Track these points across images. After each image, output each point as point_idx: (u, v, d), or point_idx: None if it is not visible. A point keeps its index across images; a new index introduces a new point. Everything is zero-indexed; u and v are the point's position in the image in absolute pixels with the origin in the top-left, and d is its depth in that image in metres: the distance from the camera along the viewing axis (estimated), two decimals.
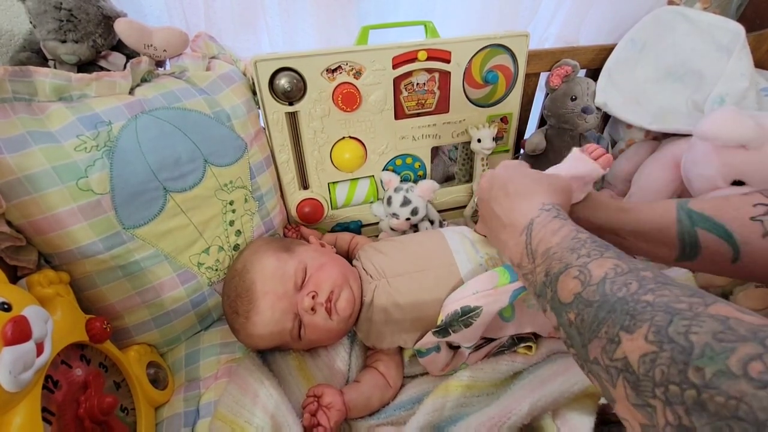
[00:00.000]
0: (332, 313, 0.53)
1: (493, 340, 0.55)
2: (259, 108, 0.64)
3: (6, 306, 0.34)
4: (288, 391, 0.53)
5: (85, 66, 0.59)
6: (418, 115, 0.71)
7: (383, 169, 0.75)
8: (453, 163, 0.84)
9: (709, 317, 0.23)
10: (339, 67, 0.63)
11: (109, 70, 0.56)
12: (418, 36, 0.68)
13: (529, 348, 0.54)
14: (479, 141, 0.73)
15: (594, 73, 0.81)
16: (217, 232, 0.59)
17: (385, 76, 0.65)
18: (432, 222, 0.76)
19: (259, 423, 0.47)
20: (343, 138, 0.69)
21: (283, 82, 0.61)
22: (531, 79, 0.78)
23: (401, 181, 0.75)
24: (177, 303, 0.57)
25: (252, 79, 0.62)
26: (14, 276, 0.45)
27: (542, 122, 0.86)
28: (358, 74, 0.64)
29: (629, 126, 0.82)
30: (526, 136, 0.87)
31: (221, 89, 0.59)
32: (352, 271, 0.59)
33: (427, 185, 0.72)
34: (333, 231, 0.77)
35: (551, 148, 0.80)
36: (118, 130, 0.50)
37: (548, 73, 0.78)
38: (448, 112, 0.72)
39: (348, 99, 0.65)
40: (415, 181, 0.76)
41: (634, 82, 0.80)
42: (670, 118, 0.76)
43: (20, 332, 0.33)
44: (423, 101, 0.70)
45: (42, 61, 0.58)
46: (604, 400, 0.46)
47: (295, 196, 0.72)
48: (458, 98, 0.71)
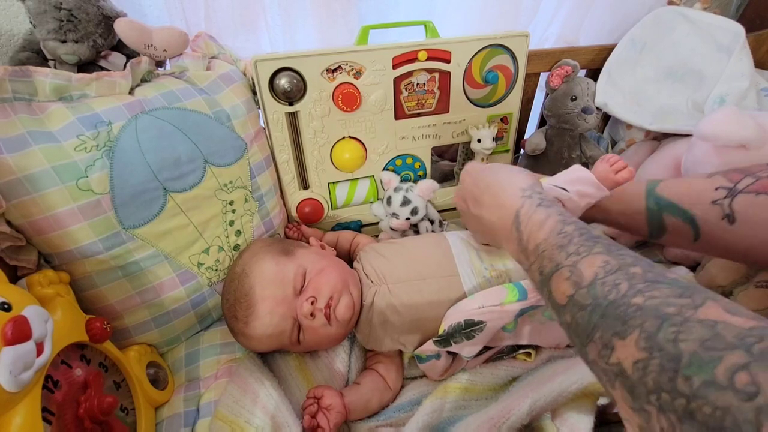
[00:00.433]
0: (331, 319, 0.52)
1: (492, 347, 0.54)
2: (259, 108, 0.64)
3: (6, 306, 0.34)
4: (288, 392, 0.53)
5: (85, 66, 0.59)
6: (418, 115, 0.71)
7: (383, 169, 0.75)
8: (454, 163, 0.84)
9: (698, 323, 0.23)
10: (339, 67, 0.63)
11: (109, 70, 0.56)
12: (418, 36, 0.68)
13: (528, 354, 0.54)
14: (479, 141, 0.73)
15: (594, 73, 0.81)
16: (217, 233, 0.59)
17: (385, 76, 0.65)
18: (432, 222, 0.76)
19: (259, 423, 0.47)
20: (343, 138, 0.69)
21: (283, 82, 0.61)
22: (531, 79, 0.78)
23: (401, 180, 0.75)
24: (177, 303, 0.57)
25: (252, 79, 0.62)
26: (14, 276, 0.45)
27: (542, 122, 0.86)
28: (358, 74, 0.64)
29: (629, 126, 0.82)
30: (526, 136, 0.87)
31: (221, 89, 0.59)
32: (352, 275, 0.59)
33: (427, 185, 0.72)
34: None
35: (551, 149, 0.80)
36: (118, 130, 0.50)
37: (548, 73, 0.78)
38: (448, 112, 0.72)
39: (348, 99, 0.65)
40: (415, 181, 0.76)
41: (634, 82, 0.80)
42: (670, 118, 0.76)
43: (20, 332, 0.33)
44: (423, 101, 0.70)
45: (42, 61, 0.58)
46: (602, 400, 0.47)
47: (295, 196, 0.72)
48: (458, 98, 0.71)
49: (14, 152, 0.44)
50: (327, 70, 0.63)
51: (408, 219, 0.72)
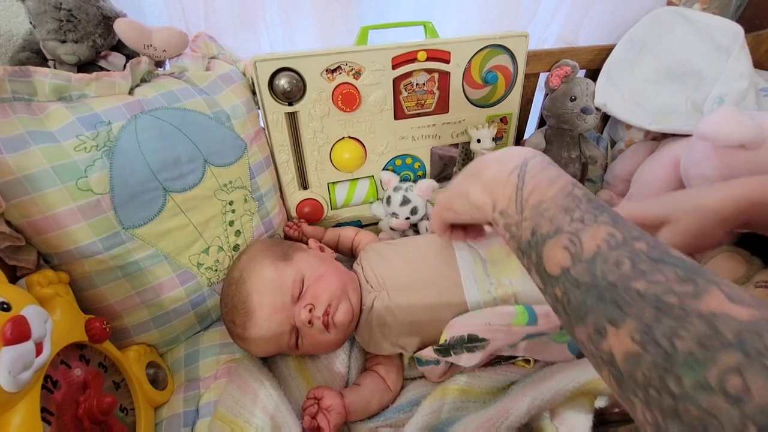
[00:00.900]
0: (329, 326, 0.52)
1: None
2: (258, 108, 0.64)
3: (5, 306, 0.34)
4: (288, 392, 0.53)
5: (85, 66, 0.59)
6: (418, 115, 0.71)
7: (383, 169, 0.75)
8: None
9: (698, 318, 0.22)
10: (339, 67, 0.63)
11: (108, 71, 0.56)
12: (417, 36, 0.68)
13: (527, 361, 0.54)
14: (479, 141, 0.73)
15: (593, 74, 0.81)
16: (216, 233, 0.59)
17: (384, 77, 0.65)
18: None
19: (259, 423, 0.47)
20: (343, 138, 0.69)
21: (282, 82, 0.61)
22: (530, 80, 0.78)
23: (401, 180, 0.75)
24: (176, 303, 0.57)
25: (251, 79, 0.62)
26: (14, 276, 0.45)
27: (542, 122, 0.86)
28: (357, 74, 0.64)
29: (629, 126, 0.82)
30: (526, 136, 0.87)
31: (221, 89, 0.59)
32: (351, 280, 0.58)
33: (427, 184, 0.72)
34: None
35: (550, 149, 0.80)
36: (117, 130, 0.50)
37: (548, 73, 0.78)
38: (447, 112, 0.72)
39: (348, 99, 0.65)
40: (415, 181, 0.76)
41: (634, 83, 0.80)
42: (669, 119, 0.76)
43: (19, 332, 0.33)
44: (422, 101, 0.70)
45: (42, 61, 0.58)
46: (600, 402, 0.46)
47: (295, 196, 0.72)
48: (458, 98, 0.71)
49: (14, 152, 0.44)
50: (326, 71, 0.63)
51: (408, 218, 0.72)
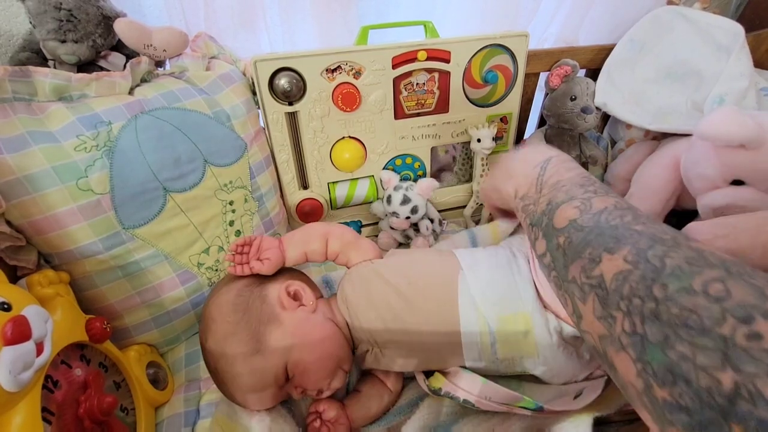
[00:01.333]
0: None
1: None
2: (258, 108, 0.64)
3: (6, 306, 0.34)
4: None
5: (85, 66, 0.59)
6: (418, 115, 0.71)
7: (383, 169, 0.75)
8: (454, 162, 0.84)
9: (688, 247, 0.25)
10: (339, 67, 0.63)
11: (108, 71, 0.56)
12: (417, 36, 0.68)
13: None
14: (479, 141, 0.73)
15: (593, 73, 0.81)
16: (217, 233, 0.59)
17: (384, 76, 0.65)
18: (432, 220, 0.76)
19: (257, 429, 0.47)
20: (343, 138, 0.69)
21: (282, 82, 0.61)
22: (531, 79, 0.78)
23: (401, 180, 0.75)
24: (177, 303, 0.57)
25: (252, 79, 0.62)
26: (14, 276, 0.45)
27: (542, 122, 0.86)
28: (357, 74, 0.64)
29: (629, 126, 0.82)
30: (526, 135, 0.87)
31: (221, 89, 0.59)
32: (340, 348, 0.50)
33: (427, 183, 0.72)
34: None
35: None
36: (117, 130, 0.50)
37: (548, 73, 0.78)
38: (447, 112, 0.72)
39: (348, 99, 0.65)
40: (415, 181, 0.76)
41: (634, 82, 0.80)
42: (669, 118, 0.76)
43: (20, 332, 0.33)
44: (423, 101, 0.70)
45: (42, 61, 0.58)
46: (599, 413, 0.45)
47: (295, 196, 0.72)
48: (458, 98, 0.71)
49: (14, 152, 0.44)
50: (327, 70, 0.63)
51: (408, 218, 0.72)
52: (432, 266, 0.54)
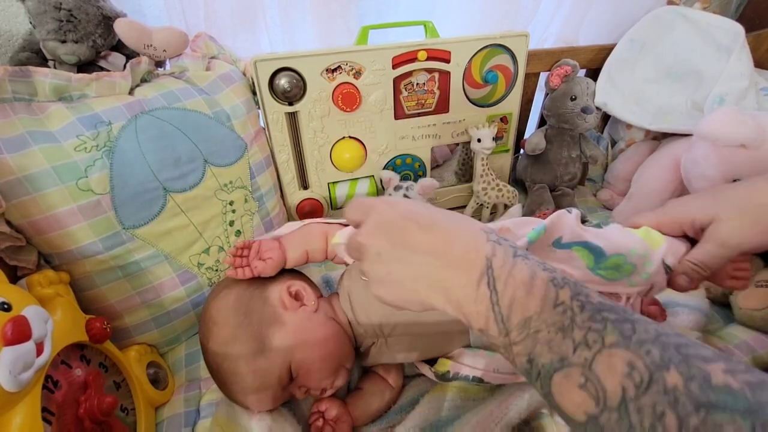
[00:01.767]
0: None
1: None
2: (258, 108, 0.64)
3: (6, 306, 0.34)
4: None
5: (85, 66, 0.59)
6: (418, 115, 0.71)
7: (383, 169, 0.75)
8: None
9: None
10: (339, 67, 0.63)
11: (108, 71, 0.56)
12: (417, 36, 0.68)
13: None
14: (479, 141, 0.73)
15: (594, 73, 0.81)
16: (217, 233, 0.59)
17: (384, 76, 0.65)
18: None
19: (257, 429, 0.47)
20: (343, 138, 0.69)
21: (282, 82, 0.61)
22: (531, 79, 0.78)
23: (401, 179, 0.75)
24: (177, 303, 0.57)
25: (252, 79, 0.62)
26: (14, 276, 0.45)
27: (542, 122, 0.86)
28: (357, 74, 0.64)
29: (629, 126, 0.82)
30: (526, 135, 0.87)
31: (221, 89, 0.59)
32: (342, 347, 0.50)
33: (427, 183, 0.72)
34: None
35: (551, 148, 0.80)
36: (117, 130, 0.50)
37: (548, 73, 0.78)
38: (447, 112, 0.72)
39: (348, 99, 0.65)
40: (415, 181, 0.76)
41: (634, 82, 0.80)
42: (670, 118, 0.76)
43: (20, 332, 0.33)
44: (423, 101, 0.70)
45: (42, 61, 0.58)
46: None
47: (295, 196, 0.72)
48: (458, 98, 0.71)
49: (14, 152, 0.44)
50: (327, 70, 0.63)
51: None
52: None
